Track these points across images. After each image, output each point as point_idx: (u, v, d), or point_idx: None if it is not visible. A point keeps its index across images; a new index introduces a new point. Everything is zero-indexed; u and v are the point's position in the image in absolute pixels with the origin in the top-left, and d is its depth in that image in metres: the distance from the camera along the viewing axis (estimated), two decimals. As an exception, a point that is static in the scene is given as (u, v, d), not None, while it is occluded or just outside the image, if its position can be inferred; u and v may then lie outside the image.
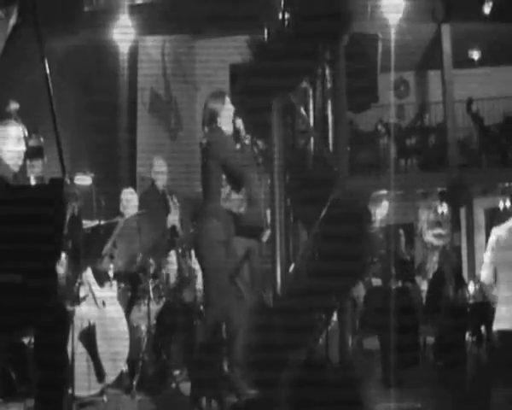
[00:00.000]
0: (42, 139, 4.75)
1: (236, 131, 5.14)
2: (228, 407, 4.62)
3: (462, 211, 12.83)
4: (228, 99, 4.99)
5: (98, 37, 9.70)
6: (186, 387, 5.27)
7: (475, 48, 14.56)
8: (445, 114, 13.61)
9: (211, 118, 5.03)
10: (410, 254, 10.03)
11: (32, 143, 4.33)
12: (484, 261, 5.20)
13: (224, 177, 4.96)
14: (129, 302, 6.07)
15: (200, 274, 6.70)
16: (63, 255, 4.38)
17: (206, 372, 4.73)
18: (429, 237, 9.22)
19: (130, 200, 6.63)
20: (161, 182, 6.93)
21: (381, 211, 10.22)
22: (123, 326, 5.56)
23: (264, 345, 3.45)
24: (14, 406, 4.53)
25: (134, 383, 5.53)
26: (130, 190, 6.92)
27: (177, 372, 5.91)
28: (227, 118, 5.03)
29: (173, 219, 6.37)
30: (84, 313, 5.08)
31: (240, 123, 5.06)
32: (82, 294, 4.99)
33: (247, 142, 5.11)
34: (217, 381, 4.80)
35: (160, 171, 6.92)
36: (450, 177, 12.36)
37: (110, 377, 5.26)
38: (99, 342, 5.18)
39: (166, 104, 12.65)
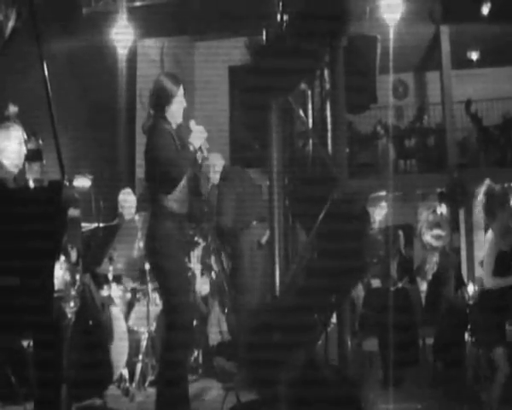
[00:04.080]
0: (41, 142, 4.74)
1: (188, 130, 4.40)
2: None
3: (462, 212, 12.83)
4: (182, 88, 4.40)
5: (97, 39, 9.71)
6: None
7: (474, 49, 14.57)
8: (443, 114, 13.61)
9: (163, 100, 4.34)
10: (410, 254, 10.01)
11: (31, 145, 4.32)
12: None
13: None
14: (128, 305, 6.07)
15: (198, 273, 6.71)
16: (62, 258, 4.37)
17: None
18: (428, 237, 9.19)
19: (127, 201, 6.59)
20: None
21: (380, 212, 10.19)
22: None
23: (263, 345, 3.45)
24: (14, 409, 4.52)
25: (133, 385, 5.56)
26: (128, 190, 6.82)
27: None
28: (179, 106, 4.39)
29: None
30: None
31: (193, 124, 4.37)
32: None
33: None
34: None
35: None
36: (449, 178, 12.37)
37: (110, 380, 5.26)
38: (98, 345, 5.18)
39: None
